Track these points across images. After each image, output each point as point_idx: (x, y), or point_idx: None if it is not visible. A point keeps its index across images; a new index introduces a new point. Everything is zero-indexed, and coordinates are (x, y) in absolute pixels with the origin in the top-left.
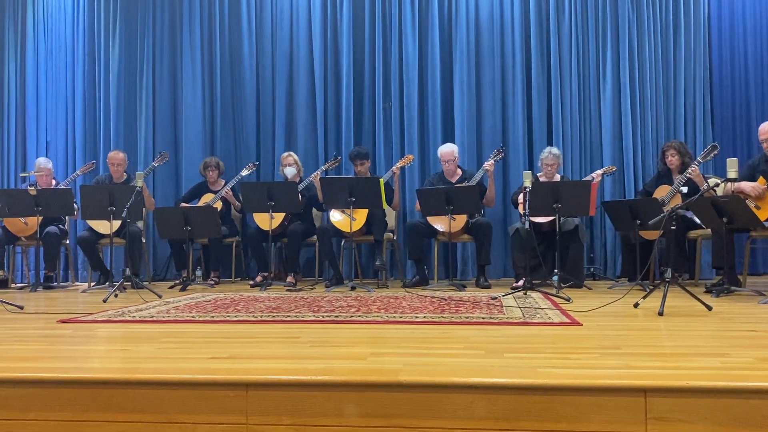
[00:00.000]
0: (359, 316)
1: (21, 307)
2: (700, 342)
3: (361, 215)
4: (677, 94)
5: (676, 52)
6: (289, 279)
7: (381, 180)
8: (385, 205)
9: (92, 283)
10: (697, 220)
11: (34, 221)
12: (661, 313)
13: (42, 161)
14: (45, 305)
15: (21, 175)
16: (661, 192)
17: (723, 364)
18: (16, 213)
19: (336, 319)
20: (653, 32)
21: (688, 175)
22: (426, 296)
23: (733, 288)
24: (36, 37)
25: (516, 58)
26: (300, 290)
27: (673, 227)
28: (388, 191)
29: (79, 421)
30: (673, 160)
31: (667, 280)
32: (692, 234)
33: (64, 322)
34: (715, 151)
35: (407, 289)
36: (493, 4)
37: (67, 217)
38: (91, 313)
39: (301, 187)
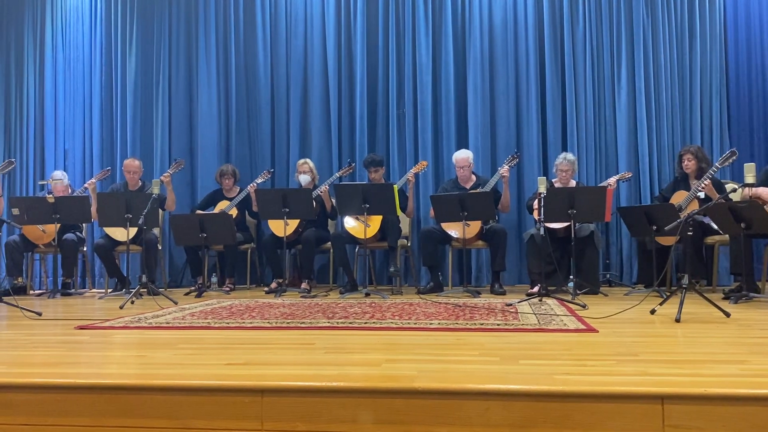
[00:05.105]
0: (373, 322)
1: (39, 314)
2: (718, 349)
3: (375, 222)
4: (693, 99)
5: (692, 57)
6: (304, 285)
7: (395, 186)
8: (399, 212)
9: (109, 290)
10: (715, 226)
11: (52, 229)
12: (678, 320)
13: (58, 174)
14: (63, 312)
15: (39, 183)
16: (678, 198)
17: (741, 371)
18: (35, 221)
19: (350, 325)
20: (668, 38)
21: (701, 188)
22: (440, 303)
23: (751, 294)
24: (54, 48)
25: (530, 64)
26: (314, 297)
27: (690, 233)
28: (402, 198)
29: (96, 427)
30: (689, 165)
31: (684, 286)
32: (709, 240)
33: (81, 328)
34: (734, 157)
35: (421, 296)
36: (506, 10)
37: (84, 225)
38: (108, 320)
39: (315, 194)
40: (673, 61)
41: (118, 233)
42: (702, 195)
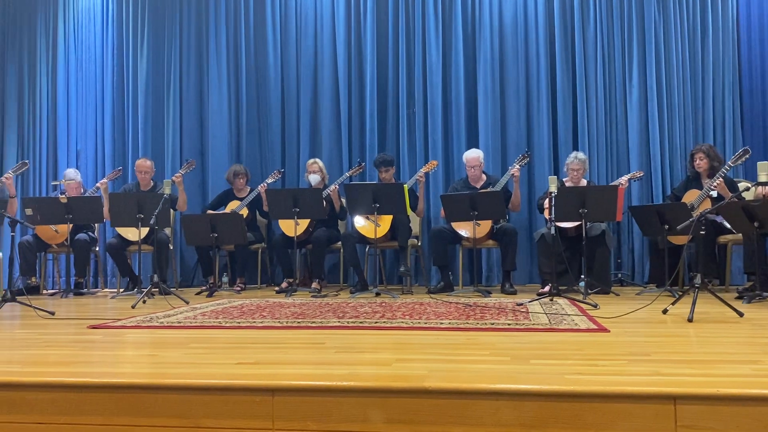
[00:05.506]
0: (384, 322)
1: (52, 313)
2: (731, 349)
3: (386, 221)
4: (705, 97)
5: (704, 55)
6: (314, 285)
7: (405, 186)
8: (409, 211)
9: (121, 290)
10: (728, 225)
11: (64, 229)
12: (690, 320)
13: (71, 173)
14: (75, 311)
15: (52, 183)
16: (691, 196)
17: (754, 372)
18: (48, 221)
19: (361, 325)
20: (680, 35)
21: (713, 187)
22: (451, 302)
23: (765, 294)
24: (66, 50)
25: (540, 63)
26: (325, 296)
27: (702, 232)
28: (413, 197)
29: (108, 425)
30: (701, 163)
31: (696, 285)
32: (722, 239)
33: (93, 327)
34: (747, 155)
35: (432, 295)
36: (516, 9)
37: (96, 225)
38: (120, 319)
39: (325, 193)
40: (685, 58)
41: (130, 233)
42: (714, 194)
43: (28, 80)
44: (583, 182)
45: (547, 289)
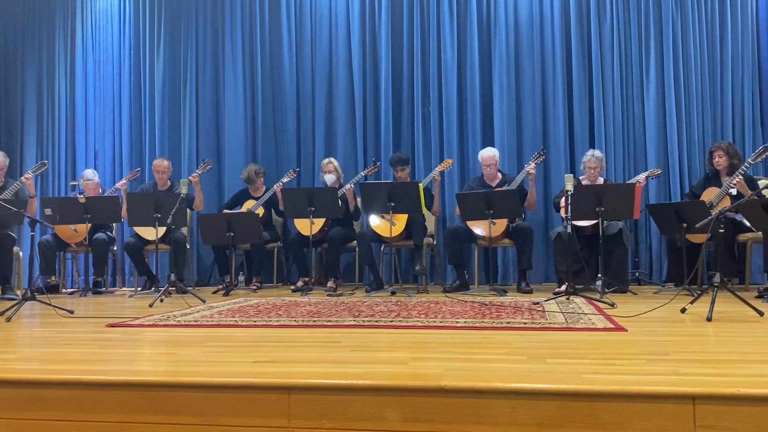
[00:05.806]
0: (399, 321)
1: (71, 312)
2: (751, 348)
3: (401, 220)
4: (724, 93)
5: (723, 50)
6: (330, 284)
7: (420, 185)
8: (424, 210)
9: (139, 288)
10: (747, 223)
11: (83, 228)
12: (709, 319)
13: (89, 173)
14: (94, 310)
15: (71, 183)
16: (710, 194)
17: None
18: (66, 220)
19: (376, 323)
20: (698, 30)
21: (733, 185)
22: (466, 301)
23: None
24: (84, 51)
25: (556, 60)
26: (340, 295)
27: (721, 230)
28: (428, 196)
29: (126, 423)
30: (720, 161)
31: (715, 284)
32: (742, 237)
33: (112, 326)
34: (767, 153)
35: (447, 294)
36: (532, 5)
37: (114, 224)
38: (137, 318)
39: (340, 193)
40: (703, 53)
41: (148, 232)
42: (734, 191)
43: (47, 81)
44: (600, 180)
45: (563, 288)
